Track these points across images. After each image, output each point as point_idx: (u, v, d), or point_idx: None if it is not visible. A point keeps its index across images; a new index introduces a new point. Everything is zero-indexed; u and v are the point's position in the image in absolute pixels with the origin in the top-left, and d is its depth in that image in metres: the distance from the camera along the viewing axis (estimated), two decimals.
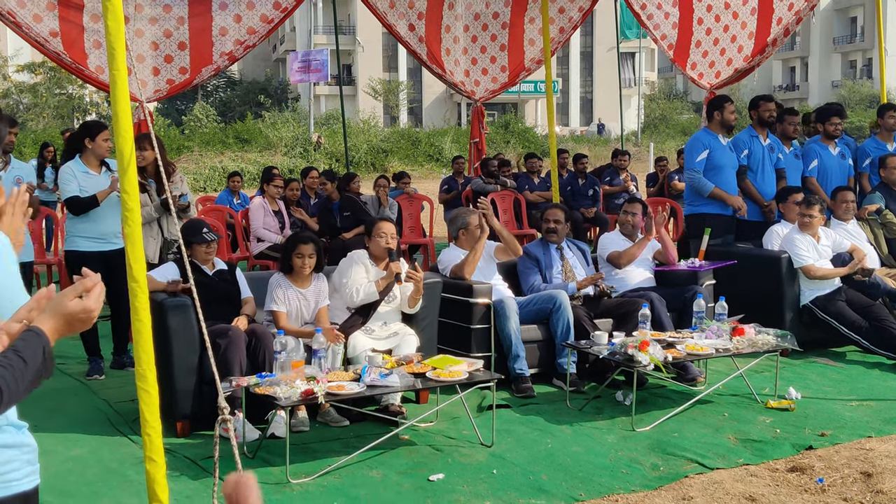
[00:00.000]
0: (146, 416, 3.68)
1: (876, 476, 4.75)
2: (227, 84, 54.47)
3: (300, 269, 5.95)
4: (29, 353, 1.86)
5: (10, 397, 1.83)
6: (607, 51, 56.70)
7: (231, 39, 8.06)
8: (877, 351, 7.20)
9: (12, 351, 1.86)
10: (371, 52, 56.65)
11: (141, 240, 3.82)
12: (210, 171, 30.22)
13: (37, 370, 1.87)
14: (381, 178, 11.90)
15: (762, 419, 5.80)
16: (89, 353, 6.91)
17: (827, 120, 8.86)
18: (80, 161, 6.76)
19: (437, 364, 5.38)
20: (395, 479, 4.78)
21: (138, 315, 3.72)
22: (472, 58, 11.07)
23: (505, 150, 34.09)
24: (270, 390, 4.78)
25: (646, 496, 4.55)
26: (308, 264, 5.95)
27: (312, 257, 5.97)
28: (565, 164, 13.42)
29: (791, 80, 67.26)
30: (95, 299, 1.99)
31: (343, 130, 16.90)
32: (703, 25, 10.28)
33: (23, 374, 1.84)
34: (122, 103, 3.76)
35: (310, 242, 6.03)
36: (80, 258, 6.73)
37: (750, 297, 7.11)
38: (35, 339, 1.90)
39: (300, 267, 5.94)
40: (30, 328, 1.92)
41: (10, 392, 1.82)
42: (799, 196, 7.86)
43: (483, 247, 6.69)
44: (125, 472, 4.87)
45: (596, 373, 6.57)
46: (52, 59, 7.88)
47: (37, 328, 1.92)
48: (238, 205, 12.28)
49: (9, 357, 1.84)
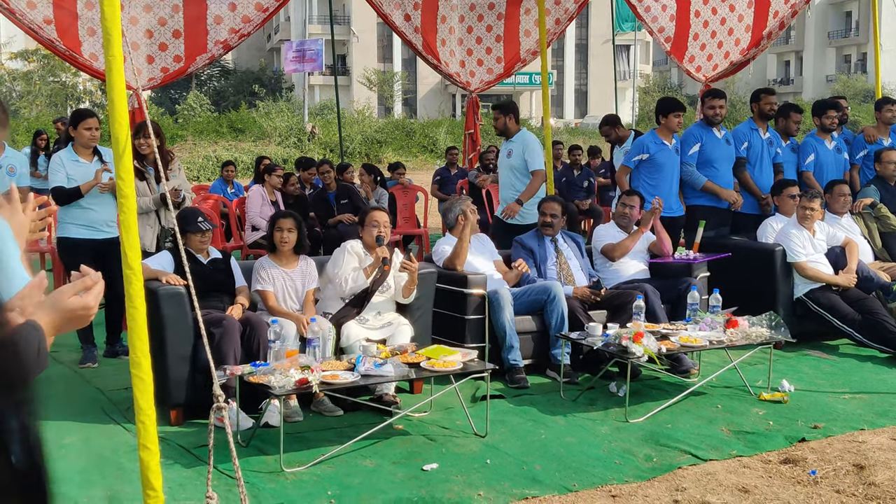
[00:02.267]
0: (140, 404, 3.66)
1: (868, 468, 4.76)
2: (222, 73, 54.32)
3: (280, 244, 6.02)
4: (23, 346, 1.84)
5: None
6: (602, 43, 56.70)
7: (226, 28, 8.02)
8: (870, 344, 7.22)
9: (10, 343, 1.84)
10: (366, 43, 56.54)
11: (136, 227, 3.80)
12: (204, 160, 30.16)
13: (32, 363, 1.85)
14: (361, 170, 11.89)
15: (755, 411, 5.81)
16: (82, 341, 6.90)
17: (823, 113, 8.86)
18: (71, 149, 6.76)
19: (432, 354, 5.37)
20: (388, 468, 4.78)
21: (133, 302, 3.70)
22: (468, 49, 11.04)
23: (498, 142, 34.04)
24: (264, 379, 4.78)
25: (639, 487, 4.56)
26: (288, 239, 6.02)
27: (292, 231, 6.05)
28: (560, 155, 13.42)
29: (785, 74, 67.28)
30: (95, 297, 1.97)
31: (337, 120, 16.90)
32: (700, 18, 10.28)
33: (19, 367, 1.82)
34: (118, 90, 3.73)
35: (289, 217, 6.14)
36: (71, 245, 6.72)
37: (744, 290, 7.13)
38: (32, 333, 1.88)
39: (280, 241, 6.02)
40: (27, 322, 1.90)
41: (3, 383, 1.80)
42: (794, 189, 7.87)
43: (468, 237, 6.69)
44: (119, 460, 4.86)
45: (590, 364, 6.57)
46: (45, 46, 7.84)
47: (34, 322, 1.89)
48: (232, 194, 12.26)
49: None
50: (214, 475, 3.81)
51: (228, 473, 4.52)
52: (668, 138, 8.17)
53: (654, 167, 8.09)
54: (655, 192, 8.01)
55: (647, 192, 8.01)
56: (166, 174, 7.05)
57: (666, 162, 8.10)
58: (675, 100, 8.54)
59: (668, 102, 8.37)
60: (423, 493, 4.44)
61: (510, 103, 8.53)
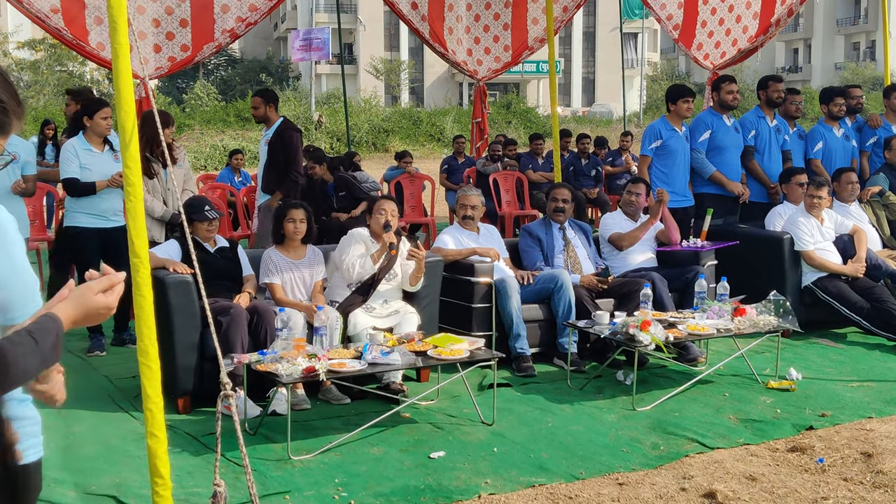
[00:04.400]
0: (148, 392, 3.67)
1: (876, 456, 4.75)
2: (228, 62, 54.33)
3: (293, 235, 6.04)
4: (41, 335, 1.86)
5: (16, 376, 1.82)
6: (610, 31, 56.44)
7: (233, 16, 8.00)
8: (878, 332, 7.20)
9: (26, 332, 1.85)
10: (373, 31, 56.41)
11: (143, 215, 3.79)
12: (211, 149, 30.19)
13: (45, 354, 1.87)
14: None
15: (763, 399, 5.81)
16: (90, 330, 6.92)
17: (831, 101, 8.82)
18: (83, 138, 6.76)
19: (439, 342, 5.38)
20: (395, 456, 4.79)
21: (140, 290, 3.70)
22: (475, 37, 11.00)
23: (507, 130, 34.01)
24: (272, 367, 4.79)
25: (646, 475, 4.56)
26: (300, 229, 6.05)
27: (303, 222, 6.08)
28: (567, 145, 13.40)
29: (794, 62, 66.99)
30: (116, 296, 2.01)
31: (344, 109, 16.89)
32: (708, 5, 10.22)
33: (32, 355, 1.84)
34: (125, 78, 3.73)
35: (300, 208, 6.14)
36: (79, 234, 6.73)
37: (752, 278, 7.11)
38: (50, 323, 1.89)
39: (293, 232, 6.03)
40: (47, 313, 1.91)
41: (18, 370, 1.81)
42: (803, 177, 7.84)
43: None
44: (126, 447, 4.88)
45: (597, 352, 6.58)
46: (52, 35, 7.83)
47: (53, 314, 1.91)
48: (239, 183, 12.27)
49: (21, 336, 1.84)
50: (222, 463, 3.83)
51: (236, 461, 4.53)
52: (678, 125, 8.15)
53: (667, 154, 8.08)
54: (668, 180, 8.00)
55: (660, 179, 8.01)
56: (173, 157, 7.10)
57: (678, 148, 8.09)
58: (684, 86, 8.52)
59: (677, 89, 8.35)
60: (430, 480, 4.45)
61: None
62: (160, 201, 7.01)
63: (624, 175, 13.43)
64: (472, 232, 6.92)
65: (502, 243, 7.11)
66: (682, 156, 8.11)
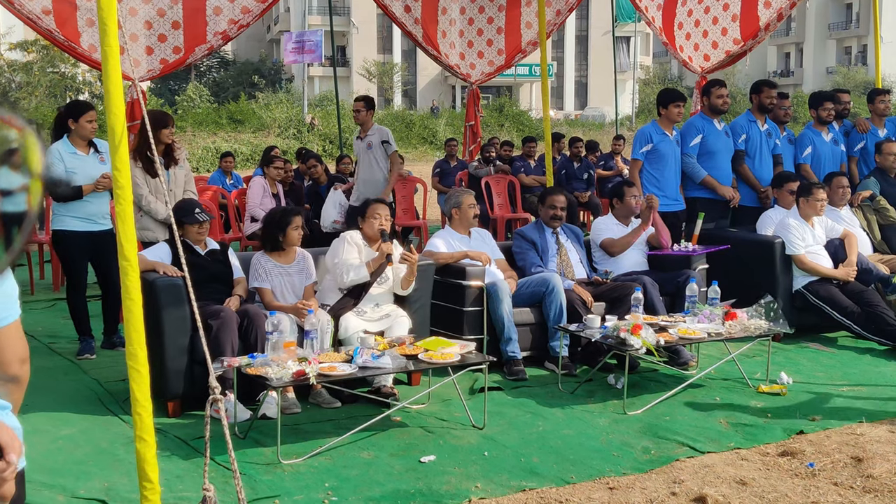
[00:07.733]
0: (137, 396, 3.66)
1: (866, 461, 4.75)
2: (221, 64, 54.26)
3: (296, 241, 6.06)
4: None
5: None
6: (602, 35, 56.59)
7: (225, 19, 7.99)
8: (869, 336, 7.22)
9: None
10: (365, 34, 56.43)
11: (132, 218, 3.78)
12: (203, 151, 30.14)
13: None
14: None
15: (754, 403, 5.81)
16: (80, 333, 6.88)
17: (820, 105, 8.84)
18: (67, 141, 6.71)
19: (430, 346, 5.36)
20: (386, 460, 4.77)
21: (129, 294, 3.69)
22: (469, 40, 11.01)
23: (499, 133, 34.03)
24: (262, 371, 4.77)
25: (637, 479, 4.56)
26: (300, 235, 6.10)
27: (304, 228, 6.18)
28: (560, 149, 13.41)
29: (786, 66, 67.17)
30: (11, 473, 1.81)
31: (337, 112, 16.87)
32: (685, 7, 10.21)
33: None
34: (114, 79, 3.72)
35: (299, 214, 6.20)
36: (67, 238, 6.70)
37: (743, 282, 7.12)
38: None
39: (297, 239, 6.05)
40: None
41: None
42: (794, 185, 7.84)
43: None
44: (115, 451, 4.85)
45: (588, 356, 6.57)
46: (44, 36, 7.81)
47: None
48: (231, 185, 12.25)
49: None
50: (211, 467, 3.82)
51: (225, 465, 4.51)
52: (669, 129, 8.16)
53: (658, 158, 8.08)
54: (660, 184, 8.01)
55: (652, 183, 8.01)
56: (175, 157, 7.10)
57: (668, 152, 8.09)
58: (675, 90, 8.53)
59: (668, 93, 8.36)
60: (420, 485, 4.44)
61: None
62: (163, 203, 6.94)
63: (616, 178, 13.45)
64: (464, 235, 6.91)
65: (495, 246, 7.10)
66: (672, 160, 8.12)
